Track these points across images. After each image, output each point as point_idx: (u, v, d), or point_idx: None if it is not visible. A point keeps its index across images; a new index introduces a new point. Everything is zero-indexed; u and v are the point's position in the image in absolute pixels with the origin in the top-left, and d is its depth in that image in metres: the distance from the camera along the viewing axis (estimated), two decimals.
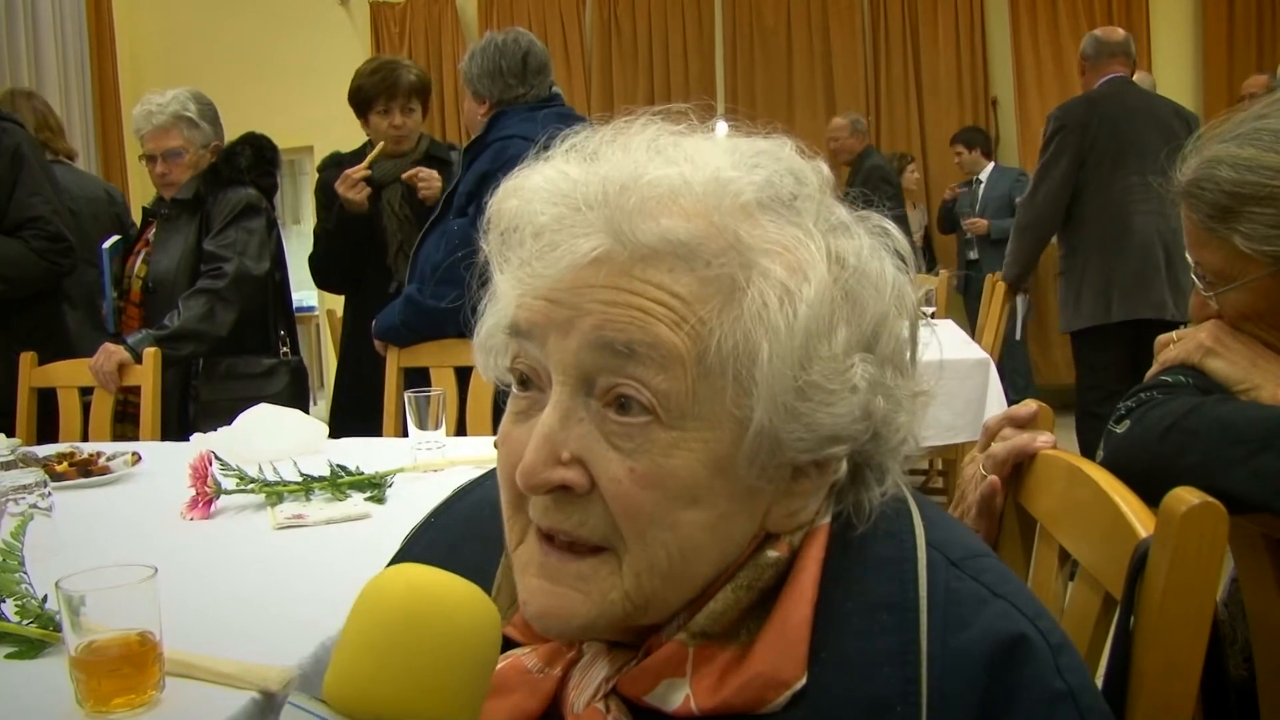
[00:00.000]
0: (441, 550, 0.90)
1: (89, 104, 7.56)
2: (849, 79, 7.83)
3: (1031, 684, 0.68)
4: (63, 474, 2.11)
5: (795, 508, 0.73)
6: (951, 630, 0.69)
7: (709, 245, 0.67)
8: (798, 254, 0.69)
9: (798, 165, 0.75)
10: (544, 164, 0.74)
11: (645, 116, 0.76)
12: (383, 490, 1.90)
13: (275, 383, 3.28)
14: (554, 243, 0.69)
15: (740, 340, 0.67)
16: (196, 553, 1.63)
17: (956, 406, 3.65)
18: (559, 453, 0.68)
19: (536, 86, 3.04)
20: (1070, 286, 4.22)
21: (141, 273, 3.33)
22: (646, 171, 0.69)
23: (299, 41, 8.32)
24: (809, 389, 0.69)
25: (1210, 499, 0.82)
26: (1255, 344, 1.31)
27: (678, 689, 0.70)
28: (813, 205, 0.73)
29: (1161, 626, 0.83)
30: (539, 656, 0.77)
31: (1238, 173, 1.24)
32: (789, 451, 0.70)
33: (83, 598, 1.05)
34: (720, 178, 0.70)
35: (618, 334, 0.67)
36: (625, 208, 0.67)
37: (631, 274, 0.67)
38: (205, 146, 3.31)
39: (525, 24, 7.95)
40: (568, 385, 0.69)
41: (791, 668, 0.69)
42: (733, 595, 0.71)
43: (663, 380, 0.67)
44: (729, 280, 0.67)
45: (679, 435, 0.68)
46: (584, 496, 0.69)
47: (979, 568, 0.73)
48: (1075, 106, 4.15)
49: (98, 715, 1.04)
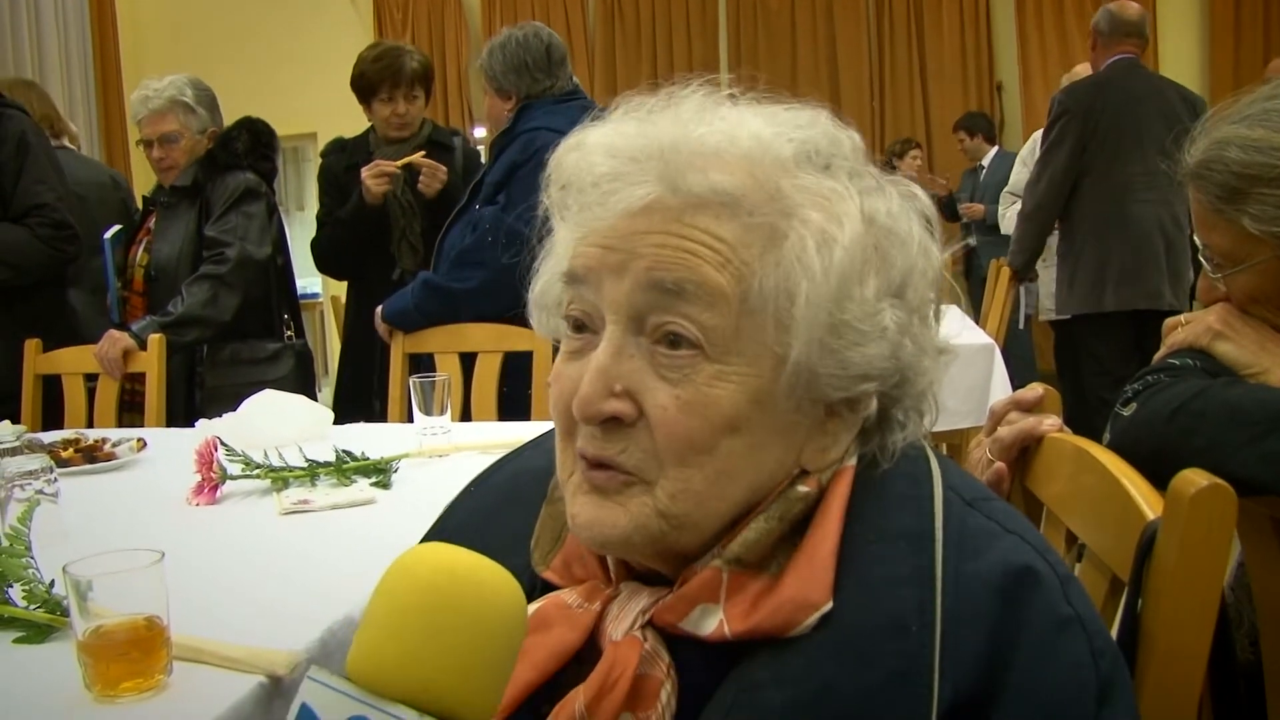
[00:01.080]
0: (480, 517, 0.94)
1: (91, 92, 7.55)
2: (853, 64, 7.80)
3: (1041, 609, 0.72)
4: (68, 460, 2.11)
5: (828, 444, 0.78)
6: (965, 558, 0.74)
7: (752, 197, 0.73)
8: (834, 205, 0.75)
9: (832, 131, 0.80)
10: (601, 124, 0.80)
11: (693, 85, 0.82)
12: (388, 476, 1.90)
13: (280, 367, 3.28)
14: (611, 190, 0.75)
15: (780, 281, 0.73)
16: (202, 538, 1.64)
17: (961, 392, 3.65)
18: (612, 385, 0.74)
19: (560, 79, 3.08)
20: (1065, 271, 4.20)
21: (143, 261, 3.32)
22: (695, 130, 0.75)
23: (302, 28, 8.30)
24: (842, 328, 0.74)
25: (1219, 481, 0.82)
26: (1264, 327, 1.31)
27: (712, 614, 0.75)
28: (846, 166, 0.79)
29: (1169, 609, 0.83)
30: (579, 594, 0.82)
31: (1247, 154, 1.23)
32: (824, 387, 0.75)
33: (90, 583, 1.05)
34: (762, 137, 0.76)
35: (667, 274, 0.73)
36: (676, 161, 0.74)
37: (681, 220, 0.73)
38: (202, 132, 3.30)
39: (529, 9, 7.95)
40: (620, 324, 0.75)
41: (819, 592, 0.73)
42: (765, 525, 0.76)
43: (709, 316, 0.72)
44: (770, 228, 0.74)
45: (722, 368, 0.73)
46: (630, 427, 0.74)
47: (991, 508, 0.79)
48: (1080, 91, 4.10)
49: (106, 699, 1.04)
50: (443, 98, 8.15)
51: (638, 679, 0.75)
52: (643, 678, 0.76)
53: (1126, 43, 4.10)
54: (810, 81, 7.82)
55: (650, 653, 0.76)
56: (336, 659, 1.18)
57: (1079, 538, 1.09)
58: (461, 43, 8.31)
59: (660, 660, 0.76)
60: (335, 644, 1.20)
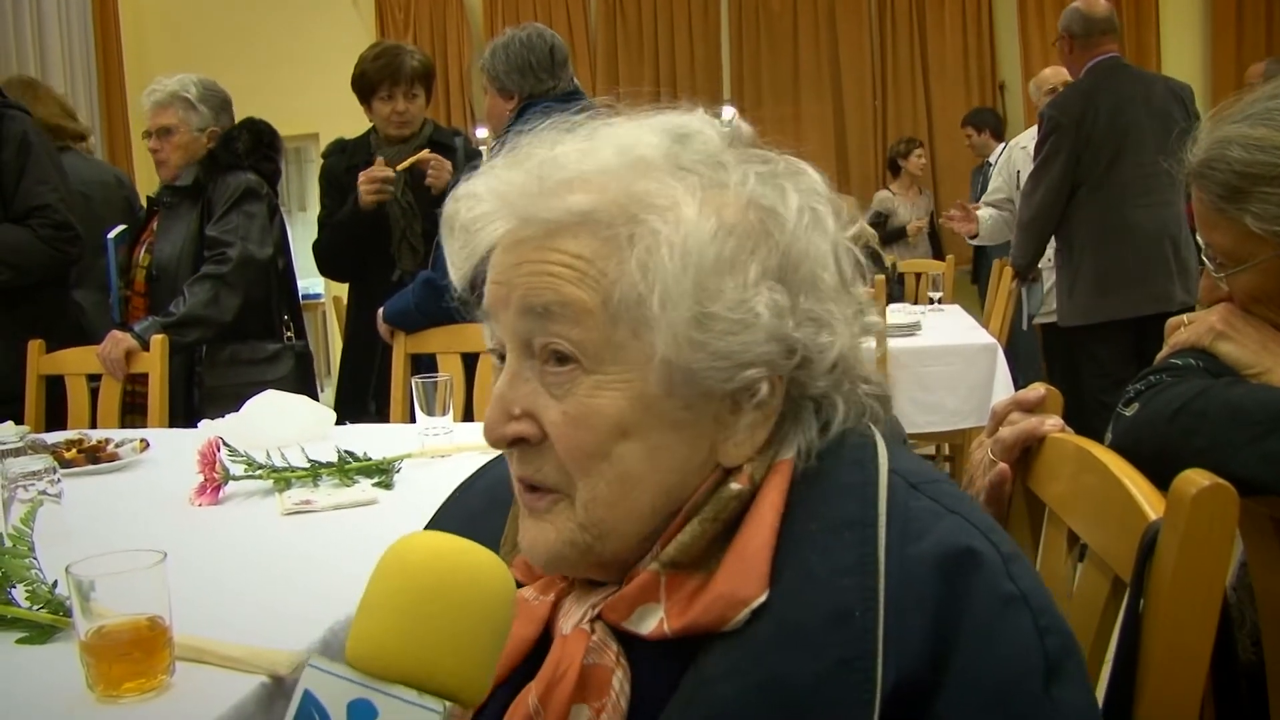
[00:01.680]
0: (465, 522, 0.95)
1: (94, 92, 7.54)
2: (856, 64, 7.79)
3: (983, 589, 0.73)
4: (71, 461, 2.11)
5: (740, 439, 0.79)
6: (907, 542, 0.74)
7: (606, 210, 0.76)
8: (688, 201, 0.77)
9: (695, 126, 0.82)
10: (483, 172, 0.84)
11: (578, 115, 0.85)
12: (390, 476, 1.90)
13: (280, 368, 3.29)
14: (477, 230, 0.82)
15: (635, 285, 0.75)
16: (205, 538, 1.64)
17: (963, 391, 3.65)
18: (510, 409, 0.79)
19: (562, 80, 3.09)
20: (1064, 281, 4.12)
21: (145, 261, 3.33)
22: (554, 154, 0.80)
23: (304, 28, 8.30)
24: (709, 320, 0.75)
25: (1220, 481, 0.81)
26: (1266, 327, 1.31)
27: (653, 613, 0.78)
28: (710, 156, 0.81)
29: (1171, 609, 0.83)
30: (535, 588, 0.86)
31: (1249, 153, 1.23)
32: (705, 380, 0.77)
33: (93, 583, 1.05)
34: (619, 145, 0.80)
35: (536, 298, 0.77)
36: (532, 193, 0.78)
37: (544, 246, 0.77)
38: (202, 130, 3.31)
39: (530, 10, 7.95)
40: (514, 350, 0.79)
41: (750, 587, 0.74)
42: (699, 527, 0.78)
43: (577, 331, 0.76)
44: (626, 236, 0.76)
45: (600, 378, 0.77)
46: (539, 446, 0.79)
47: (936, 490, 0.79)
48: (1069, 102, 4.00)
49: (108, 699, 1.05)
50: (444, 98, 8.14)
51: (586, 668, 0.78)
52: (592, 667, 0.78)
53: (1104, 41, 4.00)
54: (812, 82, 7.82)
55: (598, 643, 0.79)
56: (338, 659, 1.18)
57: (1081, 538, 1.09)
58: (463, 43, 8.30)
59: (608, 649, 0.79)
60: (338, 644, 1.20)
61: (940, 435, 3.99)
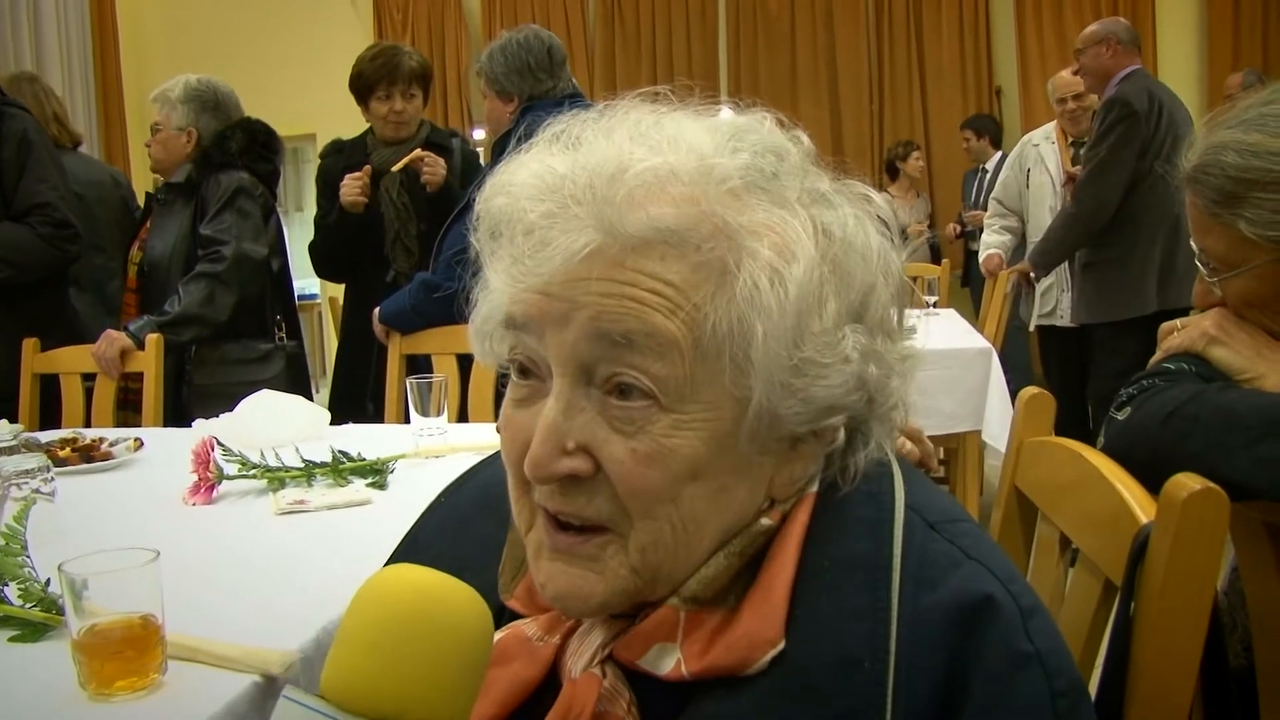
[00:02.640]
0: (453, 527, 0.92)
1: (91, 91, 7.55)
2: (853, 67, 7.80)
3: (998, 644, 0.69)
4: (65, 459, 2.11)
5: (796, 475, 0.75)
6: (922, 590, 0.70)
7: (698, 230, 0.68)
8: (784, 233, 0.71)
9: (777, 141, 0.76)
10: (528, 157, 0.75)
11: (626, 100, 0.78)
12: (384, 476, 1.90)
13: (271, 368, 3.28)
14: (545, 240, 0.70)
15: (735, 323, 0.68)
16: (198, 538, 1.64)
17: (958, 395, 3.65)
18: (564, 443, 0.70)
19: (561, 81, 3.09)
20: (1108, 278, 4.07)
21: (137, 258, 3.35)
22: (632, 162, 0.70)
23: (302, 29, 8.30)
24: (804, 365, 0.70)
25: (1211, 485, 0.82)
26: (1260, 333, 1.31)
27: (669, 653, 0.73)
28: (795, 179, 0.74)
29: (1162, 613, 0.84)
30: (539, 626, 0.79)
31: (1243, 158, 1.24)
32: (787, 425, 0.72)
33: (85, 581, 1.05)
34: (705, 163, 0.71)
35: (614, 325, 0.68)
36: (614, 201, 0.68)
37: (624, 265, 0.68)
38: (180, 129, 3.33)
39: (529, 11, 7.95)
40: (567, 376, 0.70)
41: (773, 629, 0.70)
42: (724, 561, 0.73)
43: (661, 367, 0.68)
44: (720, 264, 0.69)
45: (679, 417, 0.69)
46: (590, 480, 0.71)
47: (955, 531, 0.75)
48: (1136, 92, 3.99)
49: (100, 698, 1.05)
50: (442, 99, 8.15)
51: (597, 716, 0.73)
52: (603, 715, 0.73)
53: (1137, 55, 4.12)
54: (809, 84, 7.83)
55: (610, 690, 0.74)
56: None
57: (1072, 541, 1.09)
58: (461, 44, 8.31)
59: (620, 698, 0.74)
60: (330, 644, 1.19)
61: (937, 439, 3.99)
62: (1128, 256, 4.04)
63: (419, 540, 0.95)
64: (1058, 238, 4.26)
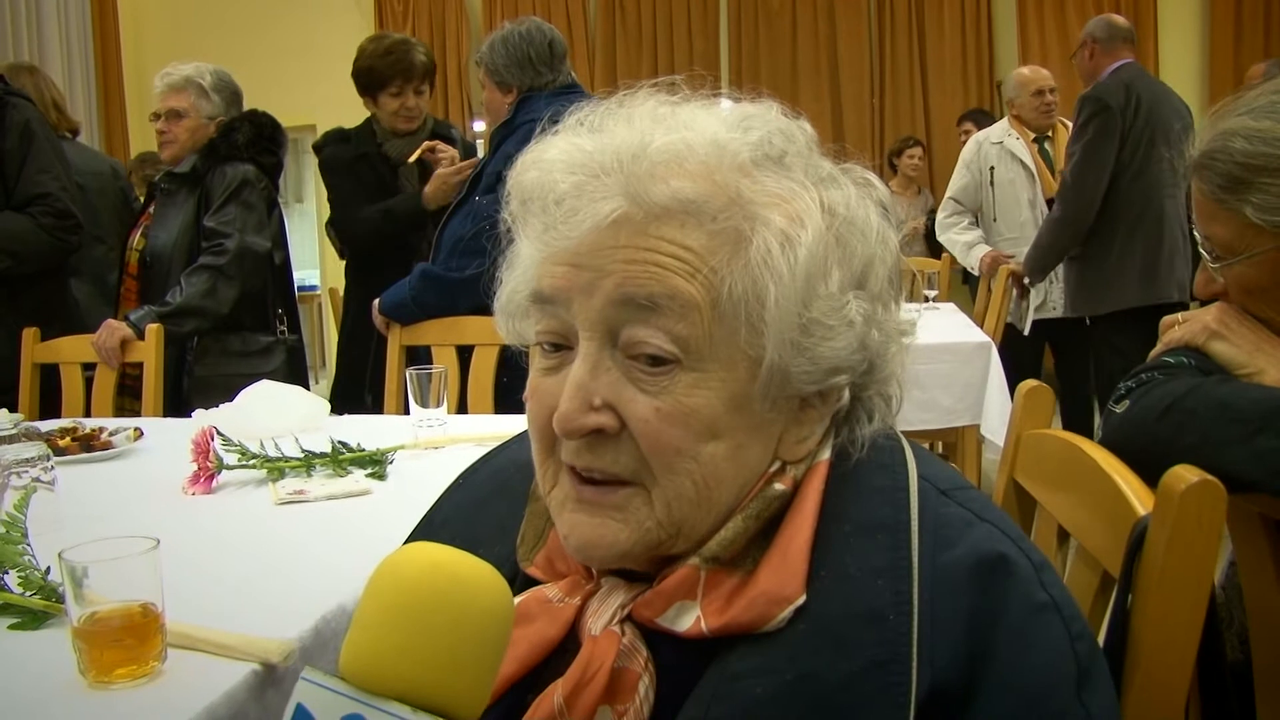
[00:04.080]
0: (468, 509, 0.96)
1: (92, 81, 7.55)
2: (854, 61, 7.80)
3: (1016, 596, 0.73)
4: (65, 449, 2.11)
5: (804, 435, 0.80)
6: (940, 549, 0.75)
7: (714, 201, 0.74)
8: (794, 204, 0.76)
9: (785, 125, 0.81)
10: (557, 137, 0.80)
11: (643, 90, 0.83)
12: (384, 467, 1.90)
13: (271, 361, 3.29)
14: (575, 208, 0.75)
15: (749, 285, 0.74)
16: (198, 527, 1.64)
17: (957, 390, 3.65)
18: (591, 399, 0.75)
19: (560, 74, 3.09)
20: (1094, 270, 4.12)
21: (139, 245, 3.34)
22: (652, 139, 0.75)
23: (302, 20, 8.30)
24: (812, 325, 0.75)
25: (1209, 477, 0.82)
26: (1261, 329, 1.31)
27: (689, 611, 0.76)
28: (801, 160, 0.80)
29: (1159, 604, 0.84)
30: (560, 589, 0.83)
31: (1252, 144, 1.24)
32: (796, 384, 0.77)
33: (85, 569, 1.05)
34: (718, 140, 0.76)
35: (639, 289, 0.73)
36: (638, 173, 0.74)
37: (647, 232, 0.74)
38: (211, 119, 3.32)
39: (529, 3, 7.94)
40: (595, 339, 0.75)
41: (792, 586, 0.74)
42: (742, 524, 0.77)
43: (683, 327, 0.73)
44: (735, 232, 0.74)
45: (699, 376, 0.74)
46: (615, 437, 0.75)
47: (965, 497, 0.79)
48: (1113, 89, 4.03)
49: (100, 685, 1.05)
50: (443, 91, 8.15)
51: (615, 671, 0.76)
52: (620, 670, 0.76)
53: (1124, 48, 4.14)
54: (810, 79, 7.83)
55: (628, 646, 0.77)
56: (330, 648, 1.19)
57: (1070, 533, 1.09)
58: (462, 36, 8.31)
59: (638, 654, 0.77)
60: (329, 633, 1.20)
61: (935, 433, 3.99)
62: (1106, 252, 4.08)
63: (435, 520, 0.99)
64: (1048, 242, 4.28)
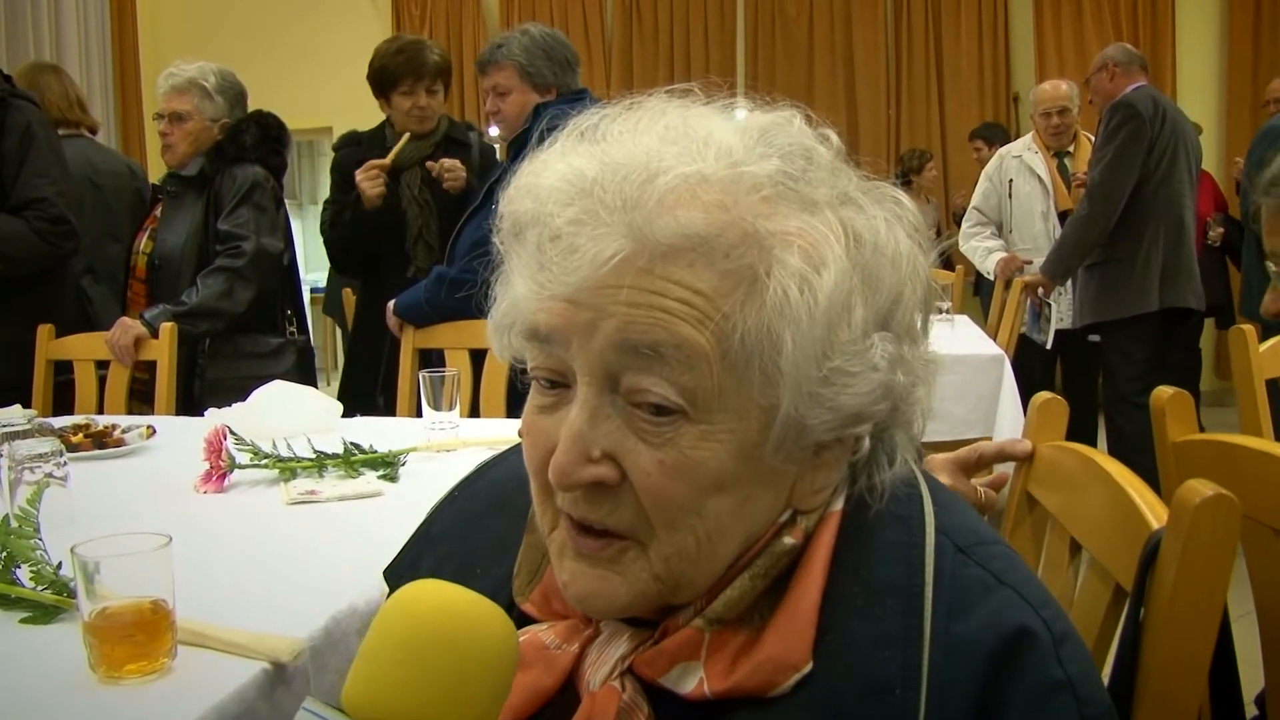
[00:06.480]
0: (464, 524, 0.92)
1: (109, 80, 7.58)
2: (870, 72, 7.80)
3: (1031, 673, 0.68)
4: (78, 445, 2.12)
5: (819, 485, 0.74)
6: (955, 616, 0.69)
7: (726, 236, 0.67)
8: (815, 240, 0.69)
9: (807, 141, 0.74)
10: (553, 157, 0.73)
11: (653, 98, 0.76)
12: (395, 469, 1.91)
13: (282, 363, 3.29)
14: (573, 246, 0.68)
15: (764, 332, 0.67)
16: (209, 525, 1.64)
17: (970, 401, 3.64)
18: (590, 451, 0.69)
19: (573, 81, 3.10)
20: (1119, 272, 4.20)
21: (147, 249, 3.33)
22: (661, 165, 0.68)
23: (320, 23, 8.33)
24: (833, 374, 0.69)
25: (1224, 491, 0.81)
26: None
27: (692, 672, 0.72)
28: (826, 182, 0.72)
29: (1172, 618, 0.83)
30: (557, 633, 0.78)
31: None
32: (814, 434, 0.70)
33: (97, 565, 1.05)
34: (735, 170, 0.69)
35: (642, 336, 0.66)
36: (644, 206, 0.66)
37: (653, 273, 0.66)
38: (215, 120, 3.31)
39: (547, 10, 7.96)
40: (594, 385, 0.69)
41: (800, 653, 0.69)
42: (749, 583, 0.72)
43: (689, 378, 0.67)
44: (749, 272, 0.67)
45: (706, 428, 0.68)
46: (614, 488, 0.70)
47: (987, 555, 0.73)
48: (1141, 99, 4.16)
49: (110, 681, 1.05)
50: (459, 94, 8.17)
51: None
52: None
53: (1140, 73, 4.31)
54: (827, 89, 7.82)
55: (629, 703, 0.73)
56: (340, 648, 1.19)
57: (1083, 545, 1.09)
58: (479, 40, 8.32)
59: (639, 711, 0.73)
60: (339, 633, 1.20)
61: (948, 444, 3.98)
62: (1132, 256, 4.17)
63: (431, 534, 0.95)
64: (1074, 240, 4.31)
